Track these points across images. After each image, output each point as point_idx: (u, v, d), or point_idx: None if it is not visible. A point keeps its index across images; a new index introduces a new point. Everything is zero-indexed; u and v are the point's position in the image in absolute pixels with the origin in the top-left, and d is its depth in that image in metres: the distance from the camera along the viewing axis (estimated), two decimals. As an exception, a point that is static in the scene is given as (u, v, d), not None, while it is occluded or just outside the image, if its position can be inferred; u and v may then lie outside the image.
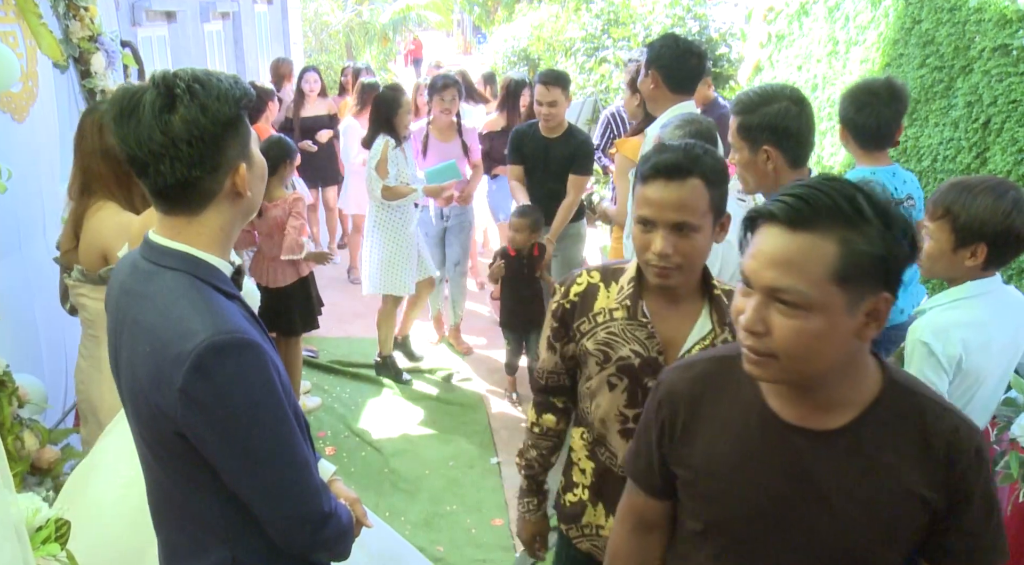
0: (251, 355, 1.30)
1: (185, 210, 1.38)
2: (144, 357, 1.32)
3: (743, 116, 2.30)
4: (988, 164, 4.04)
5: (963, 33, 4.34)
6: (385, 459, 4.29)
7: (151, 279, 1.37)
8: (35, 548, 1.60)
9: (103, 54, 4.04)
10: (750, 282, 1.22)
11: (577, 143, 4.54)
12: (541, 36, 11.58)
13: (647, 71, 3.33)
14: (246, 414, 1.30)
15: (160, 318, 1.32)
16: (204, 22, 9.61)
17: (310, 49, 16.14)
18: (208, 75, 1.34)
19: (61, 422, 3.43)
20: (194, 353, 1.26)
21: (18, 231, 3.29)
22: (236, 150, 1.36)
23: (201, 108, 1.30)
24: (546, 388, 2.06)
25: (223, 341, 1.27)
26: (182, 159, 1.31)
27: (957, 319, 2.07)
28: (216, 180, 1.36)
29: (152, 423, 1.35)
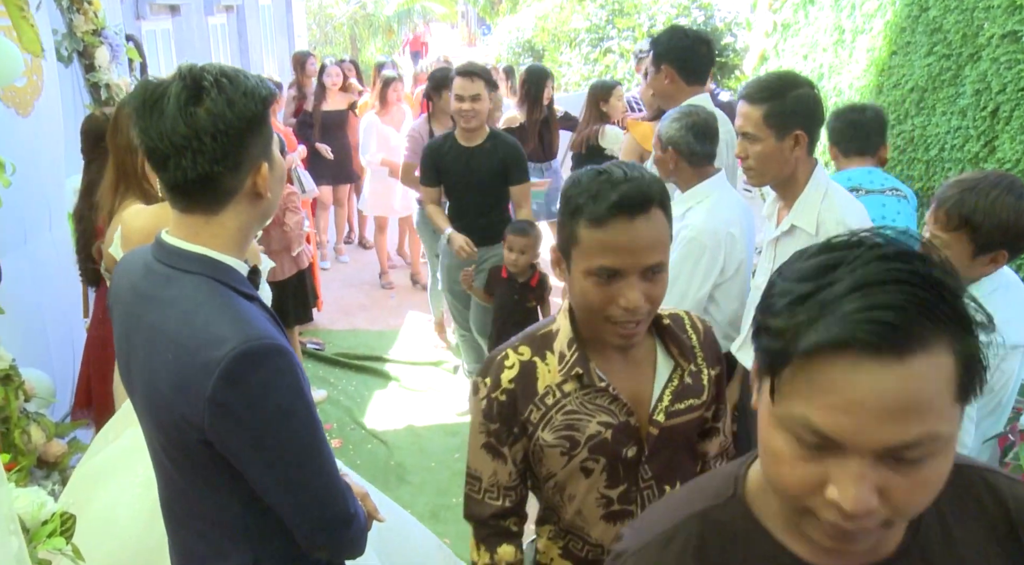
0: (281, 361, 1.28)
1: (203, 208, 1.34)
2: (166, 365, 1.29)
3: (771, 102, 2.23)
4: (996, 153, 4.02)
5: (971, 20, 4.30)
6: (391, 451, 4.29)
7: (168, 283, 1.33)
8: (40, 542, 1.60)
9: (107, 48, 4.05)
10: (840, 441, 0.78)
11: (505, 150, 4.01)
12: (546, 27, 11.55)
13: (658, 66, 3.28)
14: (277, 421, 1.28)
15: (183, 325, 1.28)
16: (208, 15, 9.61)
17: (314, 41, 16.12)
18: (236, 71, 1.32)
19: (68, 416, 3.44)
20: (225, 361, 1.22)
21: (23, 226, 3.30)
22: (259, 149, 1.33)
23: (228, 102, 1.27)
24: (502, 512, 1.64)
25: (254, 348, 1.24)
26: (205, 153, 1.27)
27: None
28: (237, 178, 1.32)
29: (174, 430, 1.32)
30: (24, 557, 1.45)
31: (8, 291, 2.91)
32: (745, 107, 2.29)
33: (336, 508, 1.38)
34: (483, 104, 3.88)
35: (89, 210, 2.95)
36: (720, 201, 2.75)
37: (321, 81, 6.77)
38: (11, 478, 1.88)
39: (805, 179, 2.30)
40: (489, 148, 4.00)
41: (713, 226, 2.67)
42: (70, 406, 3.53)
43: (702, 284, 2.68)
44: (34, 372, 2.90)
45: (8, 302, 2.79)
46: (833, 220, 2.23)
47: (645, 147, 3.79)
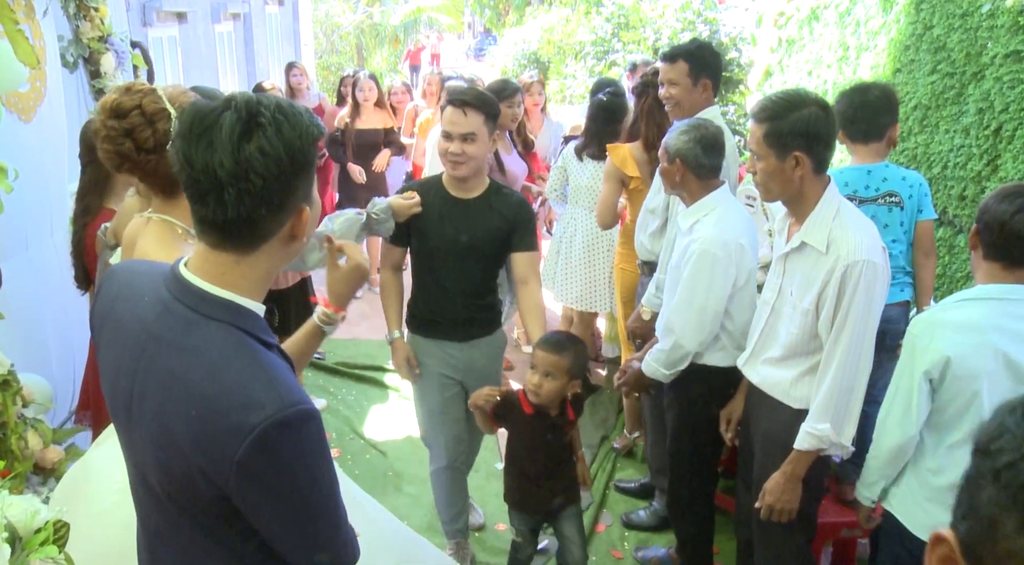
0: (314, 426, 1.24)
1: (236, 248, 1.27)
2: (187, 419, 1.22)
3: (771, 122, 2.25)
4: (999, 171, 4.01)
5: (975, 39, 4.31)
6: (390, 462, 4.28)
7: (191, 329, 1.26)
8: (33, 550, 1.59)
9: (113, 54, 4.06)
10: None
11: (510, 207, 2.98)
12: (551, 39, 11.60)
13: (698, 79, 3.31)
14: (307, 486, 1.26)
15: (211, 381, 1.22)
16: (215, 23, 9.64)
17: (321, 50, 16.18)
18: (292, 108, 1.24)
19: (67, 422, 3.43)
20: (260, 428, 1.17)
21: (25, 232, 3.30)
22: (303, 192, 1.27)
23: (285, 144, 1.20)
24: None
25: (289, 416, 1.19)
26: (252, 194, 1.20)
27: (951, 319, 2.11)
28: (278, 220, 1.26)
29: (186, 481, 1.26)
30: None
31: (9, 296, 2.91)
32: (751, 125, 2.33)
33: (343, 558, 1.37)
34: (479, 146, 2.87)
35: (83, 214, 2.97)
36: (727, 213, 2.77)
37: (354, 97, 6.24)
38: (7, 484, 1.88)
39: (815, 197, 2.30)
40: (488, 203, 2.97)
41: (723, 237, 2.69)
42: (70, 411, 3.52)
43: (721, 296, 2.70)
44: (32, 377, 2.90)
45: (9, 307, 2.79)
46: (844, 239, 2.23)
47: (624, 171, 3.77)
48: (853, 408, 2.29)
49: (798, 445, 2.32)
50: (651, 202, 3.47)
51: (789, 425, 2.38)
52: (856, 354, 2.24)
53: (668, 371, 2.83)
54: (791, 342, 2.38)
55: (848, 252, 2.21)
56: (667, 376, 2.85)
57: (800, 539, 2.53)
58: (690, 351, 2.78)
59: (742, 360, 2.63)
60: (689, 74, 3.30)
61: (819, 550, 3.05)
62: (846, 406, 2.27)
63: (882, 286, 2.26)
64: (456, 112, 2.86)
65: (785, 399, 2.43)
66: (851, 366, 2.24)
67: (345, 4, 17.60)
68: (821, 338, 2.31)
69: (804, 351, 2.37)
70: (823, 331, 2.29)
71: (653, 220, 3.46)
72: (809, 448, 2.31)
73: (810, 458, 2.35)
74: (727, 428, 2.83)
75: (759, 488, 2.47)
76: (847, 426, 2.29)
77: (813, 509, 2.54)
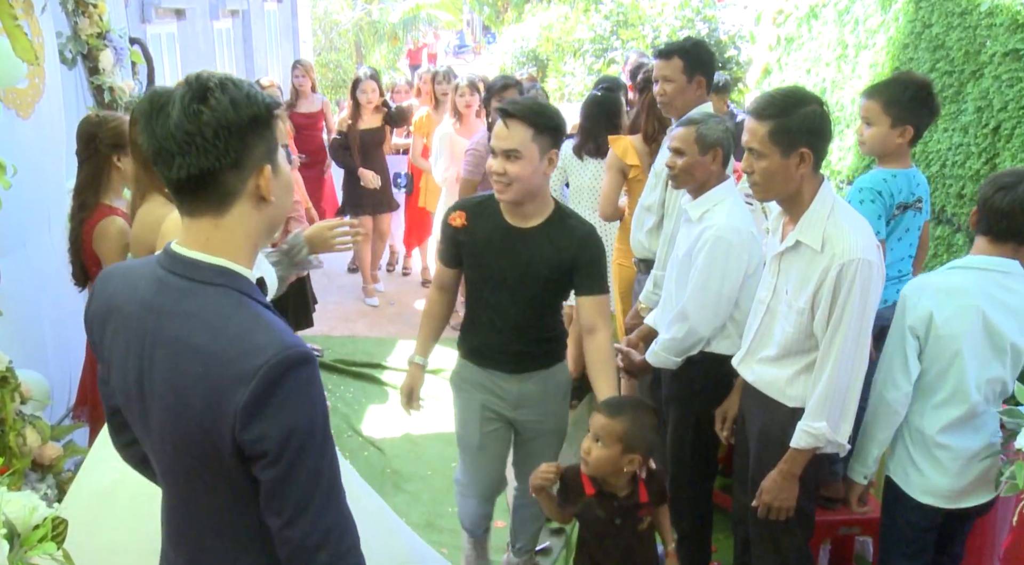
0: (313, 369, 1.33)
1: (208, 209, 1.35)
2: (195, 378, 1.30)
3: (778, 119, 2.23)
4: (998, 169, 4.02)
5: (974, 38, 4.31)
6: (388, 460, 4.28)
7: (188, 296, 1.34)
8: (31, 547, 1.59)
9: (111, 51, 4.06)
10: None
11: (576, 240, 2.58)
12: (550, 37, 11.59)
13: (692, 76, 3.31)
14: (305, 428, 1.31)
15: (214, 336, 1.30)
16: (213, 20, 9.62)
17: (319, 47, 16.17)
18: (240, 78, 1.36)
19: (64, 419, 3.44)
20: (265, 367, 1.26)
21: (23, 229, 3.30)
22: (262, 151, 1.36)
23: (231, 101, 1.31)
24: None
25: (292, 355, 1.28)
26: (208, 149, 1.30)
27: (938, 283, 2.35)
28: (239, 177, 1.34)
29: (201, 444, 1.33)
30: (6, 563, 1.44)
31: (6, 293, 2.91)
32: (752, 123, 2.29)
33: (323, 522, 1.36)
34: (524, 166, 2.44)
35: (80, 210, 2.98)
36: (736, 203, 2.81)
37: (355, 97, 6.02)
38: (5, 481, 1.87)
39: (811, 195, 2.30)
40: (546, 235, 2.57)
41: (736, 225, 2.72)
42: (68, 407, 3.52)
43: (735, 282, 2.72)
44: (30, 374, 2.90)
45: (6, 305, 2.79)
46: (839, 237, 2.23)
47: (625, 160, 3.79)
48: (849, 406, 2.29)
49: (795, 443, 2.32)
50: (647, 199, 3.48)
51: (785, 423, 2.38)
52: (852, 352, 2.24)
53: (679, 358, 2.84)
54: (786, 341, 2.38)
55: (844, 251, 2.21)
56: (677, 364, 2.85)
57: (798, 537, 2.53)
58: (703, 337, 2.79)
59: (737, 359, 2.63)
60: (684, 71, 3.31)
61: (817, 548, 3.05)
62: (842, 404, 2.28)
63: (877, 284, 2.26)
64: (500, 124, 2.50)
65: (781, 398, 2.44)
66: (847, 364, 2.25)
67: (344, 1, 17.59)
68: (817, 337, 2.31)
69: (799, 350, 2.37)
70: (818, 330, 2.29)
71: (649, 217, 3.47)
72: (806, 446, 2.31)
73: (807, 456, 2.35)
74: (722, 426, 2.83)
75: (756, 486, 2.47)
76: (843, 424, 2.29)
77: (810, 507, 2.54)
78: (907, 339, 2.36)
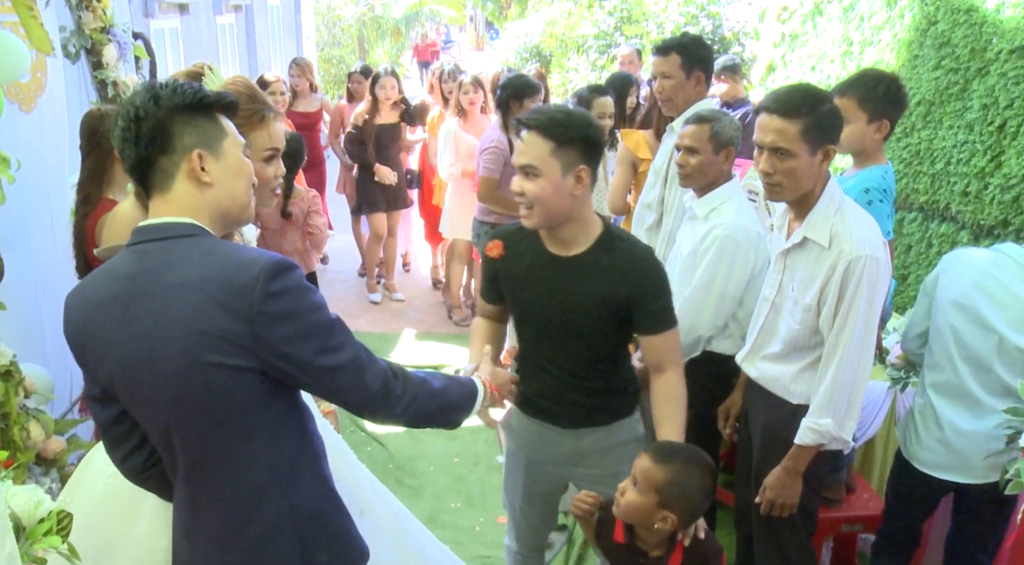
0: (301, 270, 1.49)
1: (155, 190, 1.52)
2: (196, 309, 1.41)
3: (809, 117, 2.18)
4: (1003, 168, 4.01)
5: (980, 34, 4.29)
6: (390, 455, 4.29)
7: (167, 251, 1.47)
8: (36, 540, 1.60)
9: (115, 46, 4.04)
10: None
11: (628, 265, 2.19)
12: (554, 33, 11.57)
13: (690, 72, 3.30)
14: (319, 314, 1.49)
15: (206, 267, 1.44)
16: (217, 14, 9.62)
17: (322, 43, 16.15)
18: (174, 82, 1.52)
19: (68, 413, 3.44)
20: (262, 275, 1.41)
21: (25, 223, 3.29)
22: (193, 139, 1.49)
23: (154, 97, 1.47)
24: None
25: (280, 261, 1.45)
26: (139, 139, 1.47)
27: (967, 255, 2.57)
28: (171, 161, 1.49)
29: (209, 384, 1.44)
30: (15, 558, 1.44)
31: (9, 287, 2.91)
32: (779, 122, 2.20)
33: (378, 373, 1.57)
34: (543, 185, 2.09)
35: (83, 204, 2.98)
36: (743, 202, 2.81)
37: (374, 94, 5.90)
38: (9, 475, 1.88)
39: (819, 192, 2.29)
40: (594, 262, 2.19)
41: (744, 224, 2.72)
42: (71, 402, 3.52)
43: (741, 281, 2.72)
44: (34, 368, 2.90)
45: (9, 299, 2.79)
46: (846, 234, 2.23)
47: (637, 154, 3.80)
48: (855, 403, 2.29)
49: (799, 440, 2.32)
50: (646, 196, 3.47)
51: (789, 420, 2.38)
52: (858, 349, 2.24)
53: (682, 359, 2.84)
54: (792, 338, 2.38)
55: (851, 247, 2.20)
56: None
57: (801, 534, 2.53)
58: (703, 336, 2.79)
59: (741, 356, 2.63)
60: (682, 67, 3.30)
61: (819, 545, 3.05)
62: (848, 401, 2.27)
63: (884, 281, 2.26)
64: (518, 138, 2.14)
65: (785, 394, 2.43)
66: (853, 361, 2.24)
67: (347, -4, 17.57)
68: (822, 333, 2.31)
69: (804, 346, 2.37)
70: (824, 327, 2.29)
71: (649, 215, 3.47)
72: (811, 443, 2.31)
73: (811, 453, 2.35)
74: (725, 424, 2.83)
75: (759, 483, 2.47)
76: (848, 421, 2.29)
77: (814, 504, 2.54)
78: (920, 295, 2.63)
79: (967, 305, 2.46)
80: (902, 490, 2.74)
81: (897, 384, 3.07)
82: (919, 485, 2.64)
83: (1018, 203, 3.90)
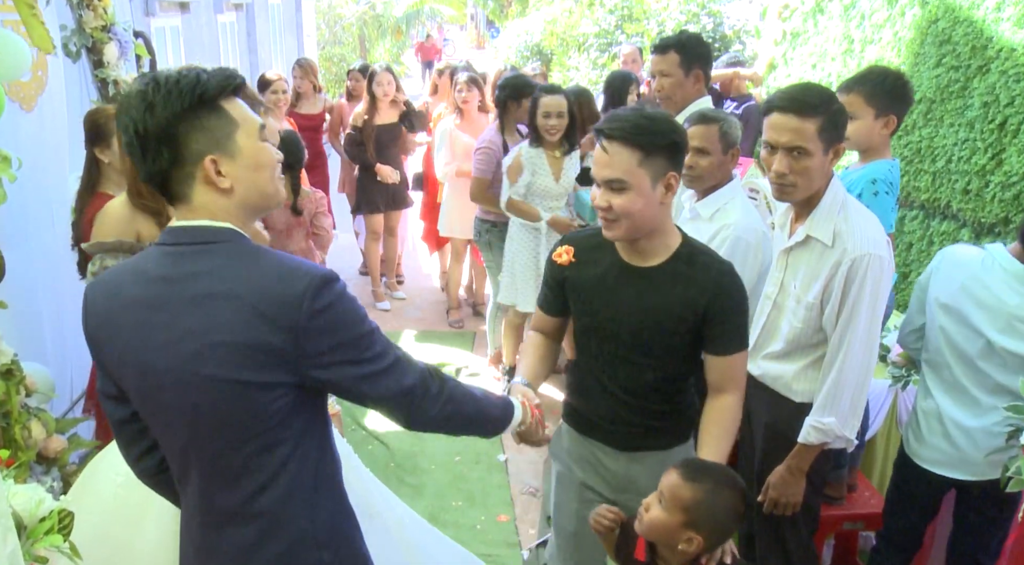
0: (342, 283, 1.44)
1: (176, 200, 1.43)
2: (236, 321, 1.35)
3: (825, 116, 2.17)
4: (1004, 165, 4.00)
5: (981, 32, 4.29)
6: (391, 454, 4.29)
7: (203, 256, 1.40)
8: (38, 539, 1.60)
9: (116, 44, 4.04)
10: None
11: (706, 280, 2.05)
12: (554, 31, 11.56)
13: (689, 70, 3.30)
14: (362, 324, 1.45)
15: (248, 279, 1.37)
16: (217, 13, 9.62)
17: (323, 41, 16.15)
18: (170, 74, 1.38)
19: (69, 411, 3.44)
20: (311, 287, 1.36)
21: (26, 222, 3.29)
22: (201, 144, 1.38)
23: (148, 107, 1.35)
24: None
25: (326, 274, 1.39)
26: (142, 157, 1.38)
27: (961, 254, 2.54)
28: (184, 172, 1.39)
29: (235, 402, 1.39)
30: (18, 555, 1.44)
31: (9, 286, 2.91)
32: (795, 121, 2.17)
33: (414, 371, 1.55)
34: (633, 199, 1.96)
35: (80, 201, 3.00)
36: (745, 201, 2.81)
37: (371, 91, 5.76)
38: (10, 474, 1.88)
39: (823, 190, 2.29)
40: (671, 273, 2.07)
41: (752, 224, 2.73)
42: (71, 400, 3.52)
43: (750, 281, 2.70)
44: (35, 367, 2.90)
45: (8, 297, 2.79)
46: (850, 232, 2.22)
47: None
48: (858, 401, 2.28)
49: (802, 439, 2.32)
50: None
51: (792, 419, 2.38)
52: (862, 348, 2.24)
53: None
54: (794, 336, 2.38)
55: (855, 245, 2.20)
56: None
57: (803, 532, 2.53)
58: None
59: None
60: (680, 65, 3.30)
61: (821, 543, 3.05)
62: (852, 399, 2.27)
63: (888, 280, 2.26)
64: (598, 148, 1.99)
65: (787, 393, 2.43)
66: (857, 360, 2.24)
67: (347, -5, 17.57)
68: (825, 332, 2.30)
69: (807, 345, 2.37)
70: (827, 325, 2.29)
71: None
72: (814, 442, 2.31)
73: (814, 452, 2.35)
74: None
75: (761, 481, 2.47)
76: (852, 419, 2.29)
77: (816, 502, 2.54)
78: (916, 291, 2.63)
79: (954, 307, 2.47)
80: (903, 488, 2.74)
81: (898, 382, 3.07)
82: (920, 482, 2.64)
83: (1019, 201, 3.89)
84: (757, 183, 3.58)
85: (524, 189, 4.36)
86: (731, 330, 2.06)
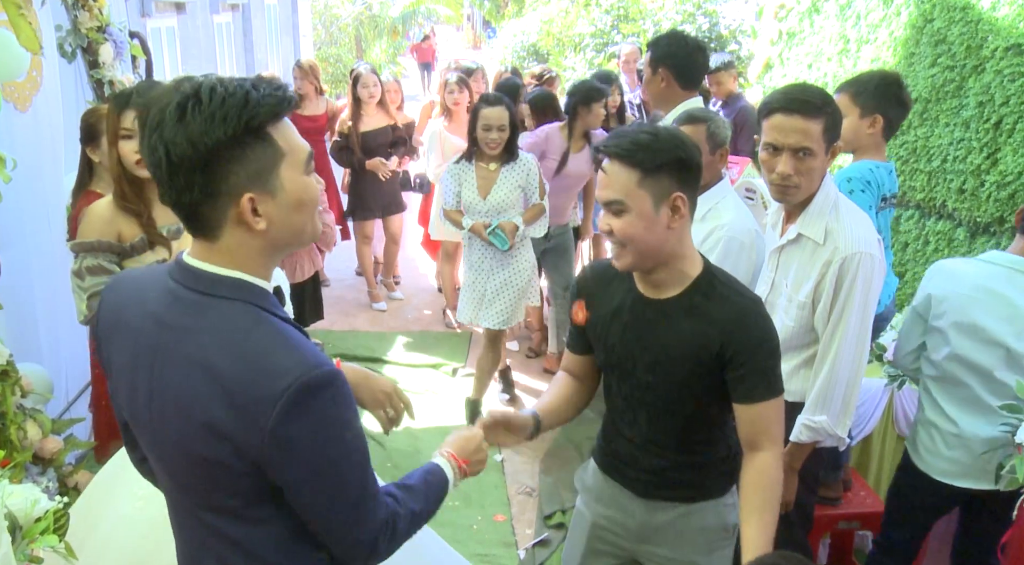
0: (340, 386, 1.25)
1: (198, 233, 1.27)
2: (212, 399, 1.22)
3: (827, 117, 2.18)
4: (999, 165, 4.01)
5: (976, 32, 4.30)
6: (388, 454, 4.28)
7: (203, 312, 1.26)
8: (33, 539, 1.60)
9: (111, 45, 4.04)
10: None
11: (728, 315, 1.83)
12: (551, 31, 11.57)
13: (655, 69, 3.30)
14: (337, 449, 1.26)
15: (233, 357, 1.22)
16: (213, 13, 9.61)
17: (319, 42, 16.14)
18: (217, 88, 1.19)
19: (65, 412, 3.44)
20: (290, 391, 1.18)
21: (21, 222, 3.29)
22: (242, 176, 1.21)
23: (185, 129, 1.17)
24: None
25: (316, 377, 1.21)
26: (170, 184, 1.21)
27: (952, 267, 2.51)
28: (217, 207, 1.22)
29: (216, 468, 1.26)
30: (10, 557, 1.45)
31: (4, 286, 2.91)
32: (801, 122, 2.17)
33: (376, 525, 1.35)
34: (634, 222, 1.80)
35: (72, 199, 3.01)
36: (737, 200, 2.81)
37: (355, 94, 5.59)
38: (6, 474, 1.88)
39: (816, 189, 2.30)
40: (687, 306, 1.87)
41: (745, 224, 2.73)
42: (68, 400, 3.53)
43: (747, 282, 2.69)
44: (31, 367, 2.90)
45: (4, 297, 2.79)
46: (841, 231, 2.23)
47: None
48: (850, 400, 2.29)
49: (794, 438, 2.32)
50: None
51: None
52: (854, 346, 2.24)
53: None
54: (787, 336, 2.37)
55: (846, 244, 2.20)
56: None
57: (797, 531, 2.53)
58: None
59: None
60: (649, 63, 3.30)
61: (817, 542, 3.05)
62: (843, 398, 2.27)
63: (879, 278, 2.26)
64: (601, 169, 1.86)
65: (780, 392, 2.43)
66: (848, 358, 2.24)
67: (344, -5, 17.57)
68: (817, 331, 2.31)
69: (799, 344, 2.37)
70: (819, 324, 2.29)
71: None
72: (806, 440, 2.31)
73: (806, 450, 2.35)
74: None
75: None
76: (844, 417, 2.29)
77: (810, 501, 2.54)
78: (910, 314, 2.59)
79: (966, 323, 2.41)
80: (909, 499, 2.69)
81: (894, 381, 3.07)
82: (929, 493, 2.60)
83: (1014, 200, 3.90)
84: (754, 183, 3.59)
85: (455, 200, 4.27)
86: (754, 374, 1.81)
